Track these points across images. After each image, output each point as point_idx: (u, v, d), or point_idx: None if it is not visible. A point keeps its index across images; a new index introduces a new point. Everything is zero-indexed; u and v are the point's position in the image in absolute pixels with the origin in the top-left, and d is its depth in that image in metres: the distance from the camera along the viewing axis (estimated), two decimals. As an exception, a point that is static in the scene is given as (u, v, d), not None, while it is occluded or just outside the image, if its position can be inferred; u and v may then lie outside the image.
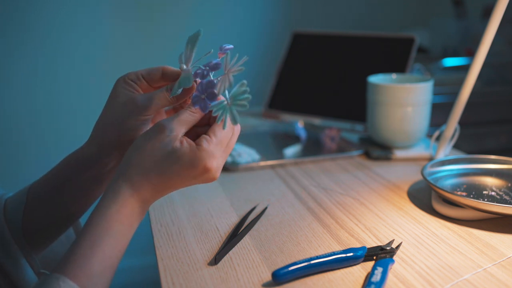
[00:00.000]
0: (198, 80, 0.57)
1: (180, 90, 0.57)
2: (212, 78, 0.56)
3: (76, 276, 0.48)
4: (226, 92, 0.55)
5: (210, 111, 0.55)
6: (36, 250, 0.66)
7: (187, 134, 0.57)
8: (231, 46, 0.58)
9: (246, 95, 0.54)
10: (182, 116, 0.55)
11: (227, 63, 0.55)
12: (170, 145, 0.53)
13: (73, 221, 0.67)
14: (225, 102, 0.55)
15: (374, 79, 1.03)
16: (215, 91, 0.55)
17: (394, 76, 1.05)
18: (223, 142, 0.56)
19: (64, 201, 0.64)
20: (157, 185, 0.54)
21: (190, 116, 0.56)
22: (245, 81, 0.55)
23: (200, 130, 0.58)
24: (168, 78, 0.60)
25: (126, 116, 0.58)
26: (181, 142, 0.54)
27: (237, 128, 0.58)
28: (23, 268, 0.63)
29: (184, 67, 0.58)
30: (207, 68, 0.56)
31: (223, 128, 0.54)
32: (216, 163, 0.55)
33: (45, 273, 0.49)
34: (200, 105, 0.56)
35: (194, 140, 0.55)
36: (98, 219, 0.51)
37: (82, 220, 0.62)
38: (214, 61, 0.57)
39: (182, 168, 0.54)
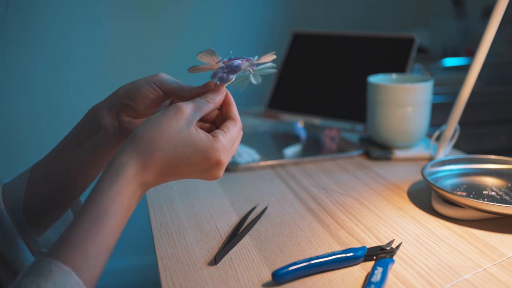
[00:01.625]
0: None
1: (205, 64, 0.58)
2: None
3: (70, 258, 0.46)
4: (250, 69, 0.57)
5: (224, 103, 0.58)
6: (37, 230, 0.64)
7: None
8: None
9: (272, 69, 0.58)
10: (198, 103, 0.55)
11: (253, 60, 0.58)
12: (186, 128, 0.52)
13: (74, 198, 0.65)
14: (248, 73, 0.57)
15: (374, 79, 1.03)
16: (241, 66, 0.56)
17: (394, 76, 1.05)
18: (233, 140, 0.56)
19: (64, 172, 0.62)
20: (163, 167, 0.52)
21: (205, 104, 0.56)
22: (274, 55, 0.58)
23: (206, 126, 0.59)
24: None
25: (144, 81, 0.59)
26: (196, 129, 0.53)
27: (241, 132, 0.59)
28: (21, 250, 0.61)
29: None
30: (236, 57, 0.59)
31: (239, 90, 0.57)
32: (227, 158, 0.55)
33: (45, 252, 0.48)
34: (222, 75, 0.56)
35: None
36: (98, 199, 0.49)
37: (83, 198, 0.61)
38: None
39: (195, 155, 0.52)
